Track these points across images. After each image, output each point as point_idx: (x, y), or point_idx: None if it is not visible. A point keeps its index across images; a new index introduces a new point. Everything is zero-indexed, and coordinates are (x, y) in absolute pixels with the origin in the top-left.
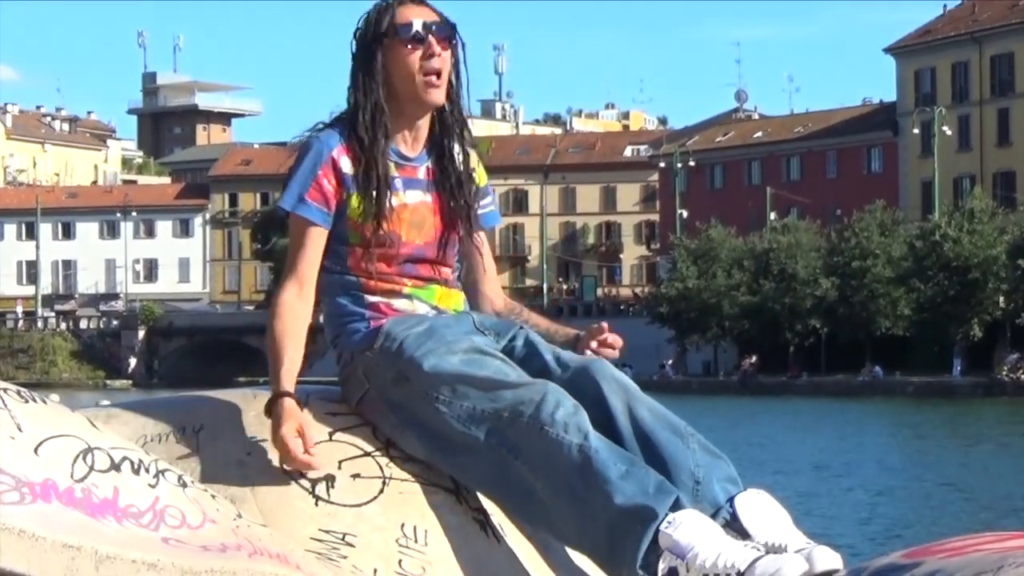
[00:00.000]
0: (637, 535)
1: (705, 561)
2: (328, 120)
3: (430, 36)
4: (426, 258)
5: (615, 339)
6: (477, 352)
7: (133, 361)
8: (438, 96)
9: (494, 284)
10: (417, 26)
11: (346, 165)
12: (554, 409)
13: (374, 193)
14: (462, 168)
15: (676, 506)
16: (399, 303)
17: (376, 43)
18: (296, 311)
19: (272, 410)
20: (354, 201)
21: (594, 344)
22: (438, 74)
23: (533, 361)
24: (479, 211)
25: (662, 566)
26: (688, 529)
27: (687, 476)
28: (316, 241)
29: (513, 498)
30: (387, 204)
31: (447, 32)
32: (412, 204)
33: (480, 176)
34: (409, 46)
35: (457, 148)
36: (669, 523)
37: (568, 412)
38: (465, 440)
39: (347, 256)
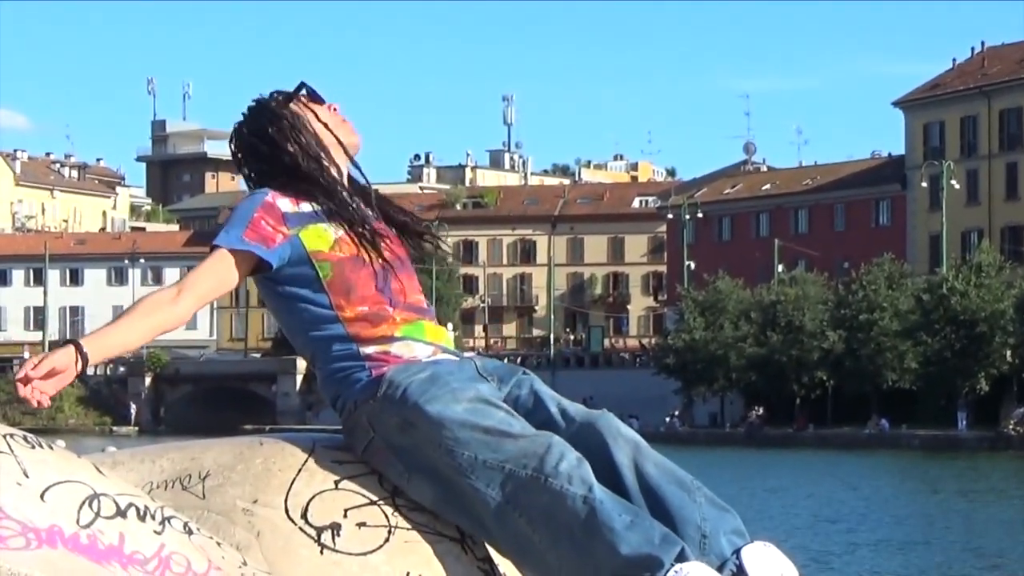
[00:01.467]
0: None
1: None
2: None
3: (320, 94)
4: (403, 283)
5: None
6: (482, 402)
7: (134, 408)
8: (357, 140)
9: None
10: (317, 95)
11: (285, 205)
12: (558, 461)
13: (347, 215)
14: (375, 194)
15: (681, 557)
16: (396, 348)
17: (288, 104)
18: (159, 299)
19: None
20: (315, 233)
21: None
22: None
23: (538, 412)
24: None
25: None
26: None
27: (693, 530)
28: (225, 266)
29: (514, 547)
30: (362, 226)
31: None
32: (378, 228)
33: None
34: (317, 102)
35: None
36: (675, 573)
37: (572, 464)
38: (468, 489)
39: (328, 296)
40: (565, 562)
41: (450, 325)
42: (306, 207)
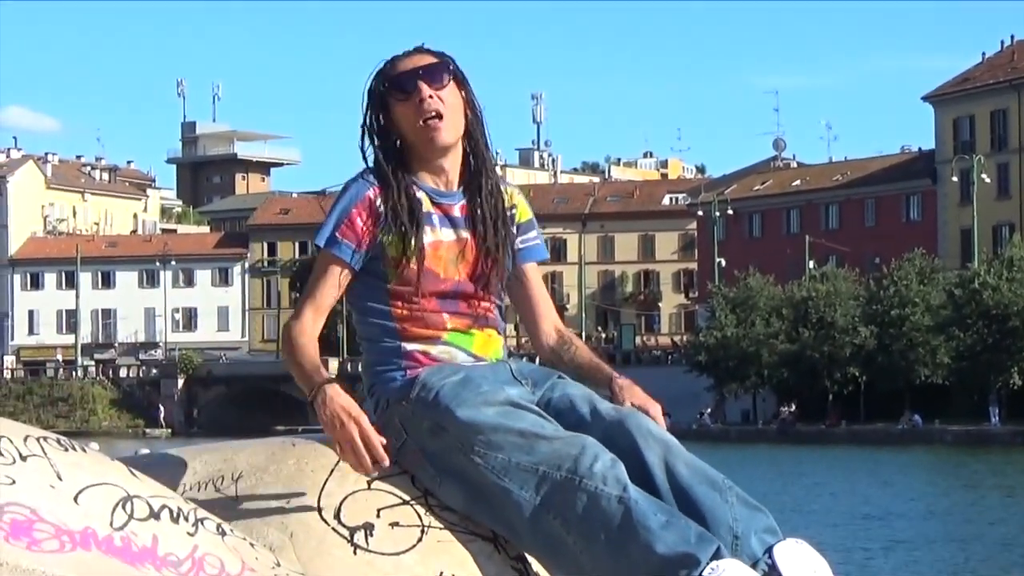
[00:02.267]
0: None
1: None
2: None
3: (419, 82)
4: (465, 293)
5: (656, 411)
6: (513, 405)
7: (162, 410)
8: (443, 136)
9: (547, 318)
10: (406, 79)
11: (381, 204)
12: (592, 462)
13: (403, 230)
14: (495, 203)
15: (717, 555)
16: (437, 350)
17: (379, 103)
18: (313, 332)
19: (316, 401)
20: (390, 240)
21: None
22: (438, 115)
23: (570, 414)
24: (523, 245)
25: None
26: None
27: (725, 531)
28: (338, 276)
29: (547, 550)
30: (419, 240)
31: (438, 73)
32: (448, 241)
33: (522, 211)
34: (401, 95)
35: (490, 184)
36: (712, 570)
37: (606, 465)
38: (500, 492)
39: (388, 296)
40: (600, 563)
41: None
42: (389, 203)
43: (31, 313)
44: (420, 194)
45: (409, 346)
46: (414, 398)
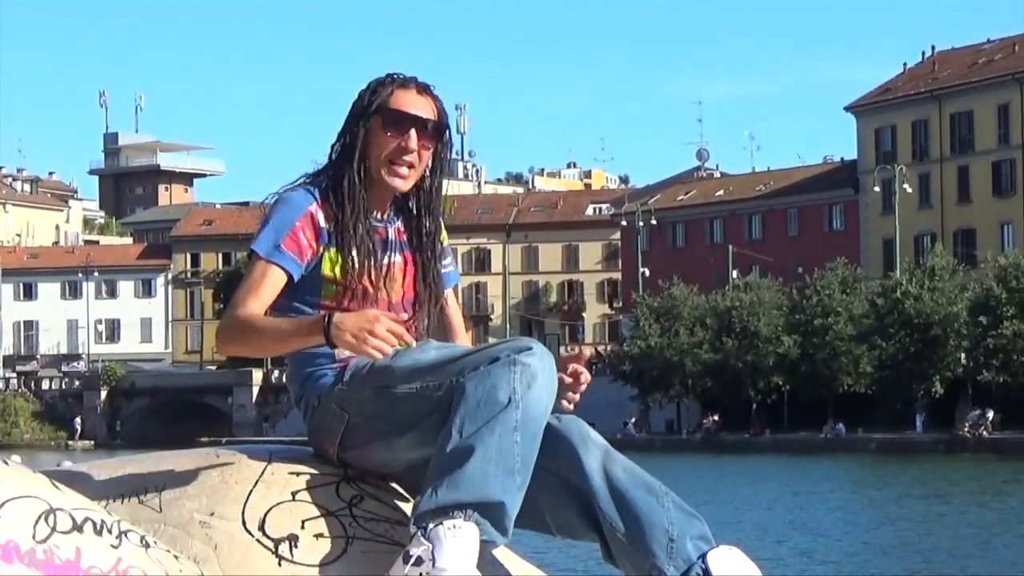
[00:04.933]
0: None
1: None
2: (308, 174)
3: (412, 130)
4: (396, 311)
5: (586, 375)
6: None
7: (79, 421)
8: (401, 184)
9: (461, 338)
10: (403, 117)
11: (323, 220)
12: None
13: (353, 249)
14: (426, 229)
15: (495, 524)
16: None
17: (364, 117)
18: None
19: (330, 333)
20: (330, 256)
21: (569, 369)
22: (409, 166)
23: None
24: (444, 270)
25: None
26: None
27: (661, 534)
28: (275, 285)
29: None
30: (367, 260)
31: (433, 134)
32: (384, 262)
33: (444, 237)
34: (389, 132)
35: (431, 217)
36: (454, 528)
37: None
38: (435, 400)
39: (318, 309)
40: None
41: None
42: (332, 225)
43: None
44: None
45: (340, 353)
46: (347, 379)
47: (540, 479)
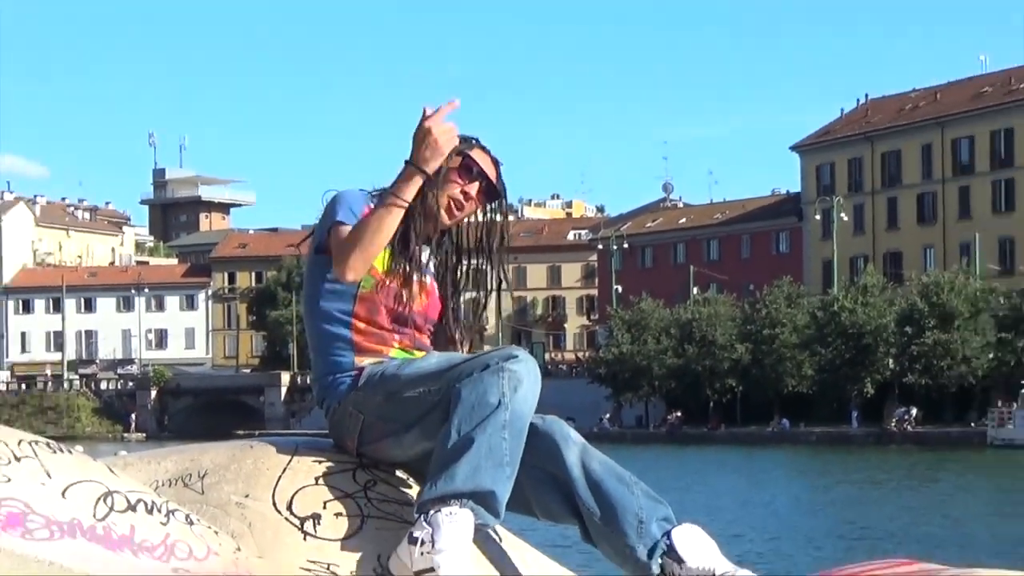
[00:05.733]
0: None
1: None
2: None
3: (477, 184)
4: (415, 322)
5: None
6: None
7: (134, 416)
8: (447, 220)
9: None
10: (472, 168)
11: None
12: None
13: (406, 258)
14: (450, 263)
15: (487, 505)
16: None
17: (448, 157)
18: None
19: (418, 162)
20: (382, 253)
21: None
22: (459, 208)
23: None
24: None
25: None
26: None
27: (632, 517)
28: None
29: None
30: (409, 264)
31: (489, 194)
32: (417, 279)
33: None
34: (462, 177)
35: (461, 257)
36: (450, 514)
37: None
38: (439, 402)
39: (353, 301)
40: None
41: None
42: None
43: (23, 334)
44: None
45: (360, 359)
46: (362, 384)
47: (527, 472)
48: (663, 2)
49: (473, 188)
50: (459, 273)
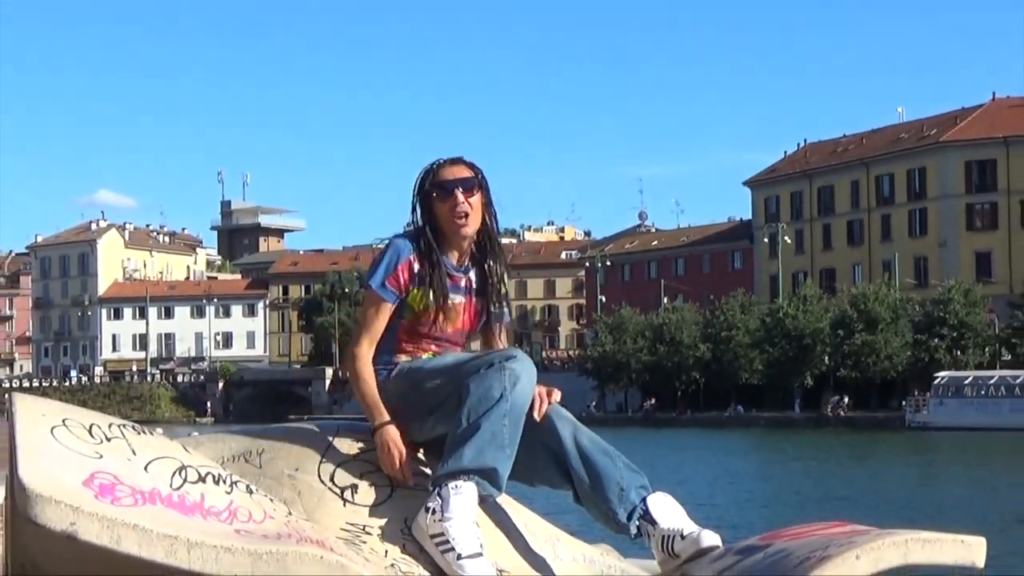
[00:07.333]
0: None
1: None
2: (404, 230)
3: (456, 191)
4: (452, 340)
5: (556, 395)
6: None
7: (210, 405)
8: (466, 230)
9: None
10: (448, 185)
11: (416, 266)
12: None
13: (431, 292)
14: (492, 280)
15: (490, 479)
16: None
17: (425, 197)
18: (370, 359)
19: (378, 436)
20: (416, 292)
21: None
22: (464, 215)
23: None
24: (500, 311)
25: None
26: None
27: (614, 485)
28: (384, 314)
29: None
30: (440, 300)
31: (470, 184)
32: (453, 304)
33: (506, 286)
34: (442, 198)
35: (494, 266)
36: (455, 488)
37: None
38: (453, 393)
39: (399, 326)
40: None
41: None
42: (423, 270)
43: (114, 337)
44: (445, 265)
45: (399, 358)
46: (395, 376)
47: (528, 445)
48: (644, 65)
49: (457, 196)
50: (495, 283)
